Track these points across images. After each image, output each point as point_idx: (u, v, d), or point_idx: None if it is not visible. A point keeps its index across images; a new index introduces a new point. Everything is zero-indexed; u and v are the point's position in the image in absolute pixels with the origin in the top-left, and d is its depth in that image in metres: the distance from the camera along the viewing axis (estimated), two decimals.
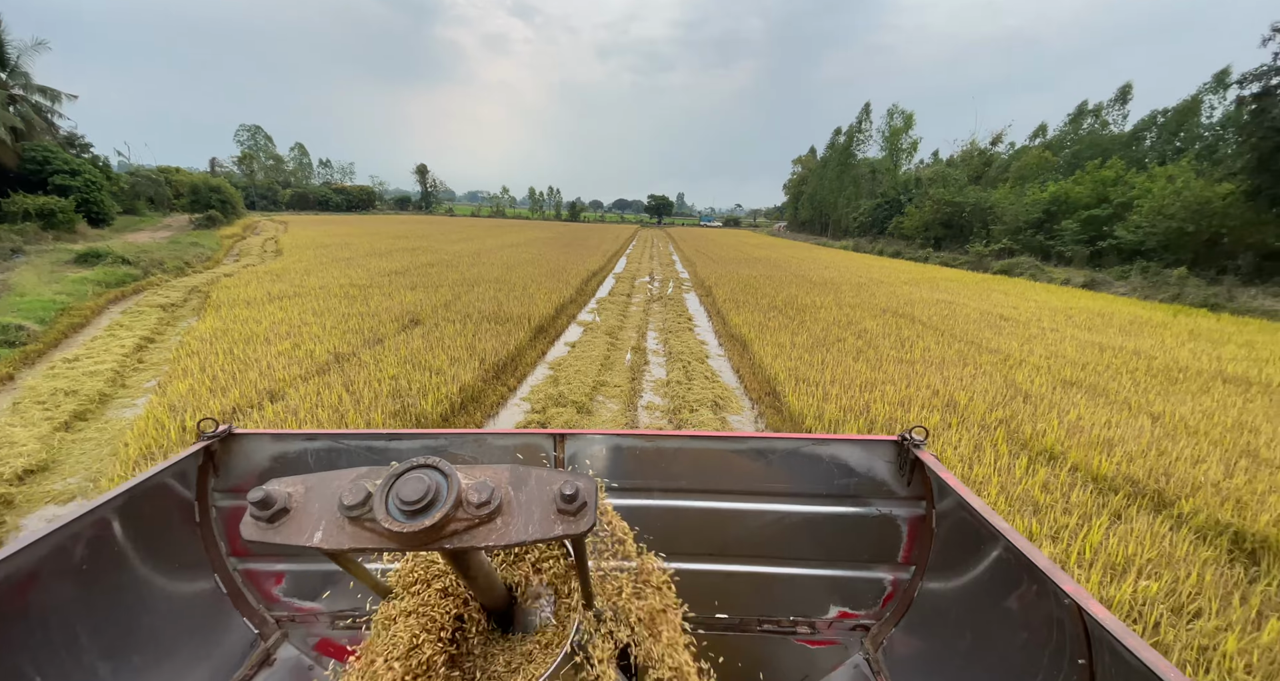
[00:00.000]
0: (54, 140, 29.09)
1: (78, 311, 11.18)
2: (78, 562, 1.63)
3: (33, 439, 5.67)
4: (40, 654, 1.49)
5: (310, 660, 2.24)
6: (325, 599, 2.31)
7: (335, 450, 2.26)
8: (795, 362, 8.45)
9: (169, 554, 2.00)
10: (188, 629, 2.00)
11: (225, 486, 2.23)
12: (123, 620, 1.75)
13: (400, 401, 6.53)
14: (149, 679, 1.77)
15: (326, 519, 0.92)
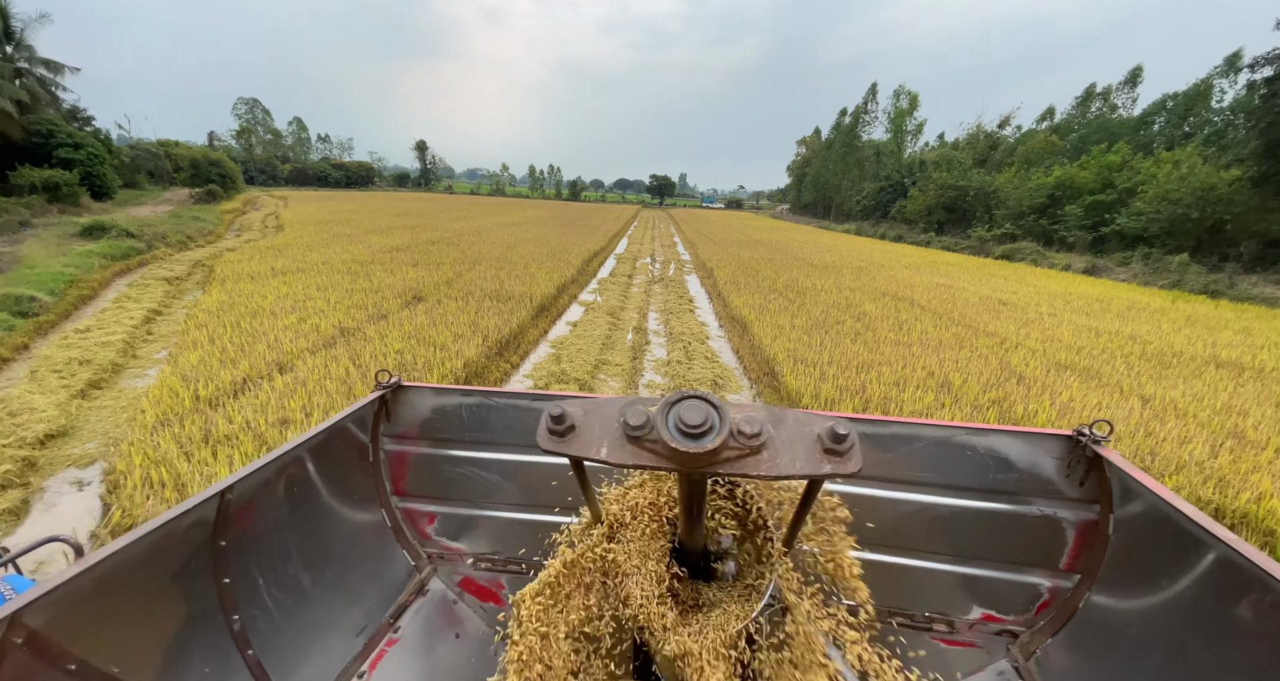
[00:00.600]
0: (57, 113, 28.74)
1: (86, 283, 11.27)
2: (284, 490, 1.89)
3: (51, 405, 5.83)
4: (262, 560, 1.81)
5: (454, 595, 2.44)
6: (469, 541, 2.48)
7: (486, 406, 2.38)
8: (794, 344, 8.58)
9: (348, 488, 2.25)
10: (363, 554, 2.27)
11: (392, 432, 2.44)
12: (317, 540, 2.03)
13: (406, 375, 6.67)
14: (336, 590, 2.06)
15: (609, 438, 1.01)
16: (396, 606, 2.28)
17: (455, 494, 2.46)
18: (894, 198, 51.43)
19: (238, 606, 1.68)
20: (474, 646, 2.29)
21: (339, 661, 1.99)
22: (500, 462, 2.41)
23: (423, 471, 2.48)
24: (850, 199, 61.35)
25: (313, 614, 1.95)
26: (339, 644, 2.02)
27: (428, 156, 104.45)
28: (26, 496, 4.44)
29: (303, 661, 1.86)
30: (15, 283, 10.31)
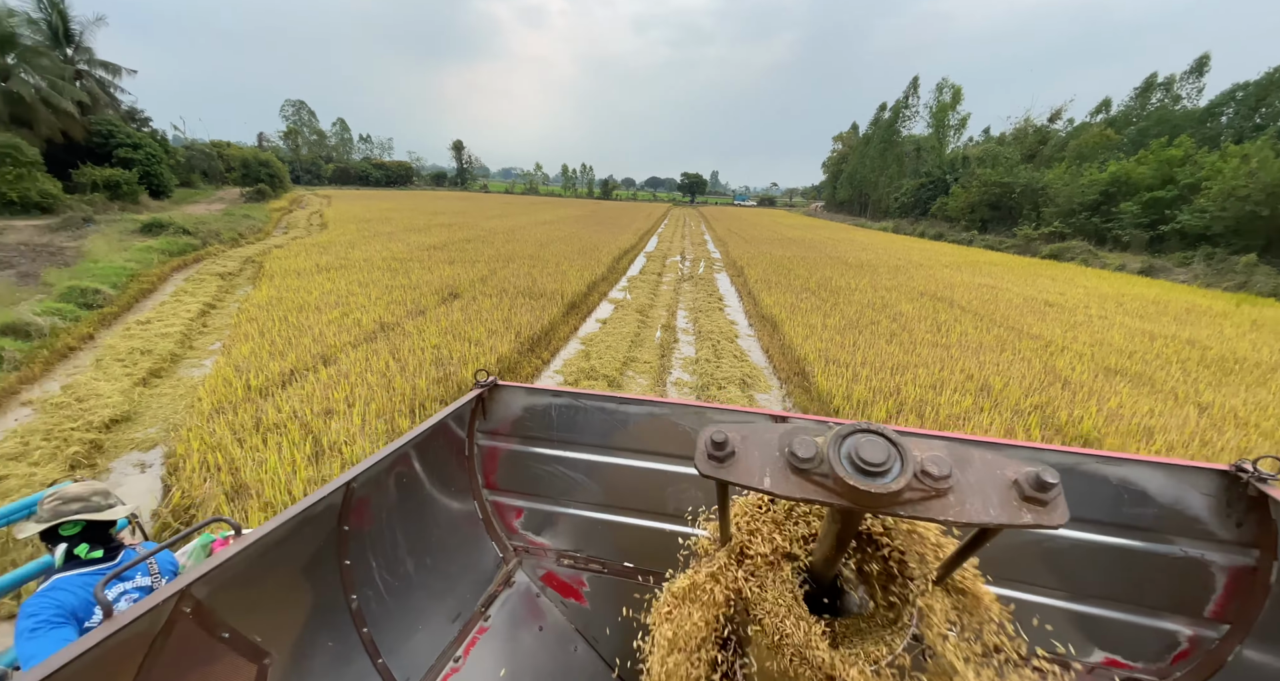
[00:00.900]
0: (116, 114, 30.49)
1: (146, 278, 11.97)
2: (394, 481, 2.03)
3: (115, 392, 6.23)
4: (376, 545, 1.94)
5: (537, 588, 2.50)
6: (551, 536, 2.55)
7: (574, 407, 2.44)
8: (826, 344, 8.45)
9: (447, 481, 2.38)
10: (459, 543, 2.39)
11: (485, 429, 2.55)
12: (420, 529, 2.16)
13: (442, 369, 6.87)
14: (435, 576, 2.18)
15: (770, 467, 0.97)
16: (487, 595, 2.38)
17: (541, 490, 2.54)
18: (934, 195, 49.85)
19: (355, 587, 1.81)
20: (555, 640, 2.35)
21: (438, 644, 2.10)
22: (585, 462, 2.46)
23: (512, 467, 2.58)
24: (888, 196, 59.75)
25: (416, 598, 2.08)
26: (438, 627, 2.14)
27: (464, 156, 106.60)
28: (94, 477, 4.77)
29: (407, 642, 1.99)
30: (80, 276, 11.04)
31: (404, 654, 1.95)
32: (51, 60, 26.24)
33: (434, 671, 2.02)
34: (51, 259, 13.86)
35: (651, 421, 2.28)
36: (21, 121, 24.17)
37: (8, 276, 11.72)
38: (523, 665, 2.21)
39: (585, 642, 2.38)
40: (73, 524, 1.81)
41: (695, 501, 2.22)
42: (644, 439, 2.31)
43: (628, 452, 2.36)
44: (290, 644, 1.60)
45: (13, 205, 20.53)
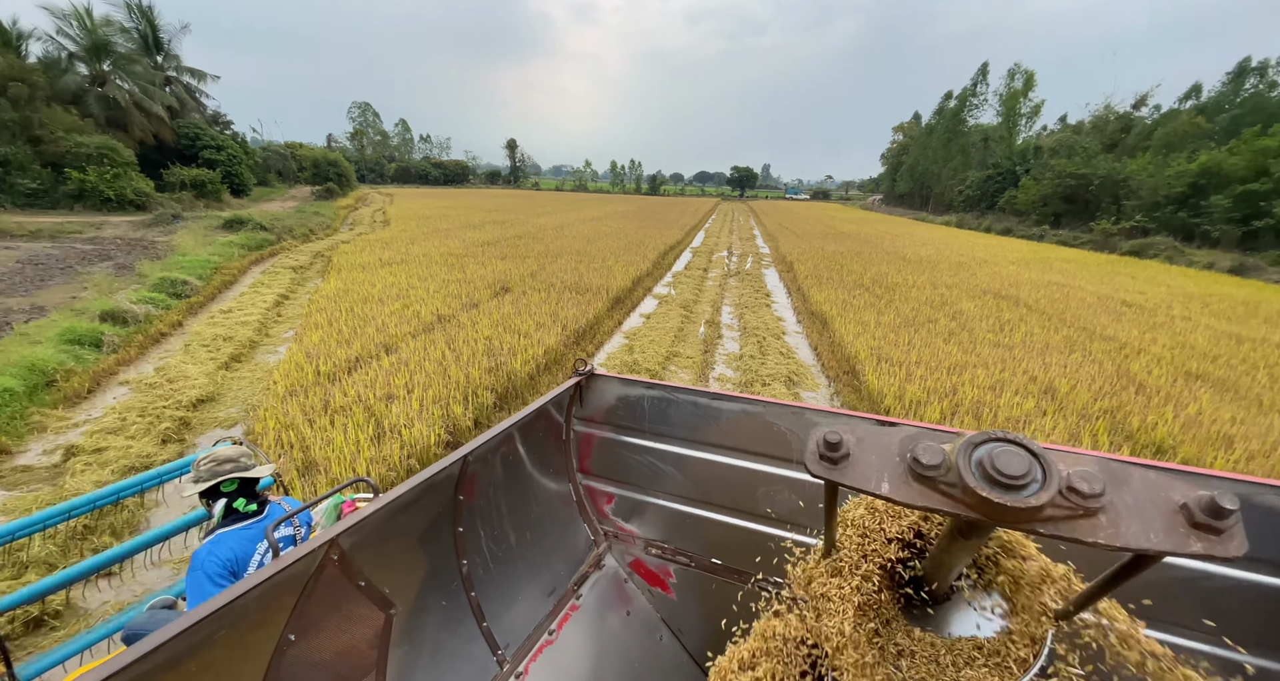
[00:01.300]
0: (202, 118, 33.05)
1: (227, 270, 12.97)
2: (500, 458, 2.16)
3: (201, 375, 6.81)
4: (481, 519, 2.08)
5: (625, 574, 2.60)
6: (640, 524, 2.60)
7: (667, 400, 2.45)
8: (879, 342, 8.18)
9: (546, 462, 2.50)
10: (555, 521, 2.51)
11: (581, 415, 2.64)
12: (521, 504, 2.30)
13: (494, 359, 7.11)
14: (534, 550, 2.31)
15: (889, 472, 0.92)
16: (579, 575, 2.49)
17: (632, 478, 2.59)
18: (1003, 187, 47.03)
19: (466, 552, 1.96)
20: (642, 627, 2.41)
21: (534, 616, 2.22)
22: (675, 455, 2.46)
23: (604, 454, 2.64)
24: (952, 189, 56.85)
25: (516, 569, 2.20)
26: (534, 600, 2.25)
27: (517, 154, 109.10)
28: (182, 450, 5.25)
29: (508, 610, 2.11)
30: (171, 268, 12.07)
31: (505, 620, 2.08)
32: (143, 67, 28.67)
33: (530, 641, 2.14)
34: (144, 252, 15.23)
35: (746, 419, 2.26)
36: (117, 125, 26.58)
37: (107, 268, 12.97)
38: (610, 646, 2.29)
39: (670, 633, 2.42)
40: (229, 481, 2.10)
41: (788, 505, 2.18)
42: (737, 436, 2.29)
43: (719, 448, 2.34)
44: (412, 598, 1.75)
45: (110, 202, 22.66)
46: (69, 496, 4.23)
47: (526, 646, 2.12)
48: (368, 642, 1.58)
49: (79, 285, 11.06)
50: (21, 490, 4.46)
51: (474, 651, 1.95)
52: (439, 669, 1.81)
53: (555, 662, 2.14)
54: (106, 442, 4.98)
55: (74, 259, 14.11)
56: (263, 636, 1.27)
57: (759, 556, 2.23)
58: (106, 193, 22.47)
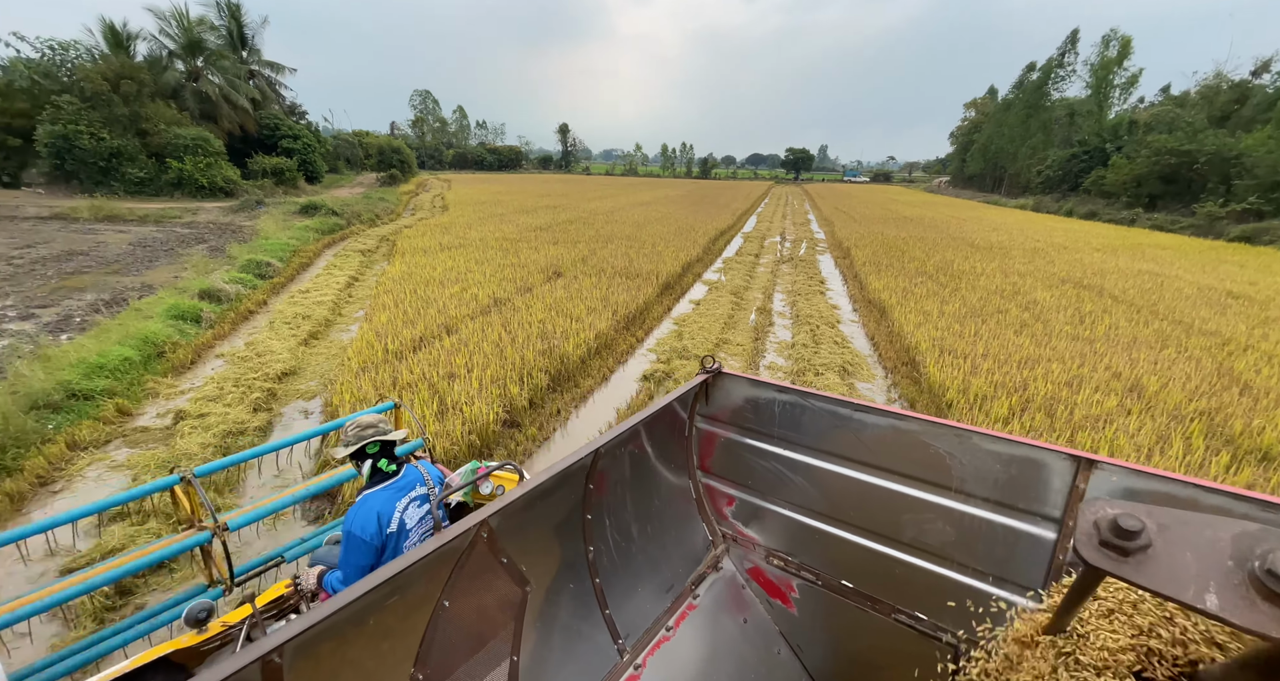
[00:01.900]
0: (280, 109, 35.13)
1: (304, 253, 13.88)
2: (628, 453, 2.21)
3: (284, 350, 7.39)
4: (607, 510, 2.15)
5: (743, 580, 2.52)
6: (762, 532, 2.51)
7: (800, 406, 2.29)
8: (942, 332, 7.82)
9: (669, 458, 2.50)
10: (674, 517, 2.51)
11: (706, 413, 2.59)
12: (644, 498, 2.34)
13: (547, 342, 7.32)
14: (654, 544, 2.36)
15: (1216, 580, 0.71)
16: (697, 574, 2.46)
17: (756, 483, 2.50)
18: (1088, 167, 43.20)
19: (593, 539, 2.03)
20: (760, 637, 2.35)
21: (653, 610, 2.24)
22: (805, 465, 2.31)
23: (727, 454, 2.57)
24: (1029, 169, 52.79)
25: (637, 561, 2.24)
26: (653, 594, 2.27)
27: (569, 139, 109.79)
28: (270, 419, 5.75)
29: (628, 600, 2.15)
30: (256, 250, 13.03)
31: (625, 610, 2.12)
32: (230, 62, 30.71)
33: (649, 634, 2.17)
34: (233, 236, 16.51)
35: (895, 435, 2.04)
36: (208, 117, 28.68)
37: (202, 250, 14.15)
38: (725, 651, 2.27)
39: (790, 648, 2.35)
40: (373, 444, 2.28)
41: (940, 536, 1.93)
42: (882, 453, 2.08)
43: (858, 464, 2.15)
44: (544, 578, 1.86)
45: (203, 189, 24.62)
46: (180, 455, 4.75)
47: (645, 639, 2.14)
48: (505, 615, 1.70)
49: (180, 266, 12.15)
50: (141, 448, 5.04)
51: (597, 636, 2.02)
52: (566, 648, 1.91)
53: (672, 659, 2.14)
54: (208, 409, 5.53)
55: (174, 242, 15.49)
56: (424, 599, 1.44)
57: (899, 587, 2.06)
58: (201, 180, 24.43)
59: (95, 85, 22.76)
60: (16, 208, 19.81)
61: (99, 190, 22.85)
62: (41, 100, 22.63)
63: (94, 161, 22.78)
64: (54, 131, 21.86)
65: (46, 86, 23.29)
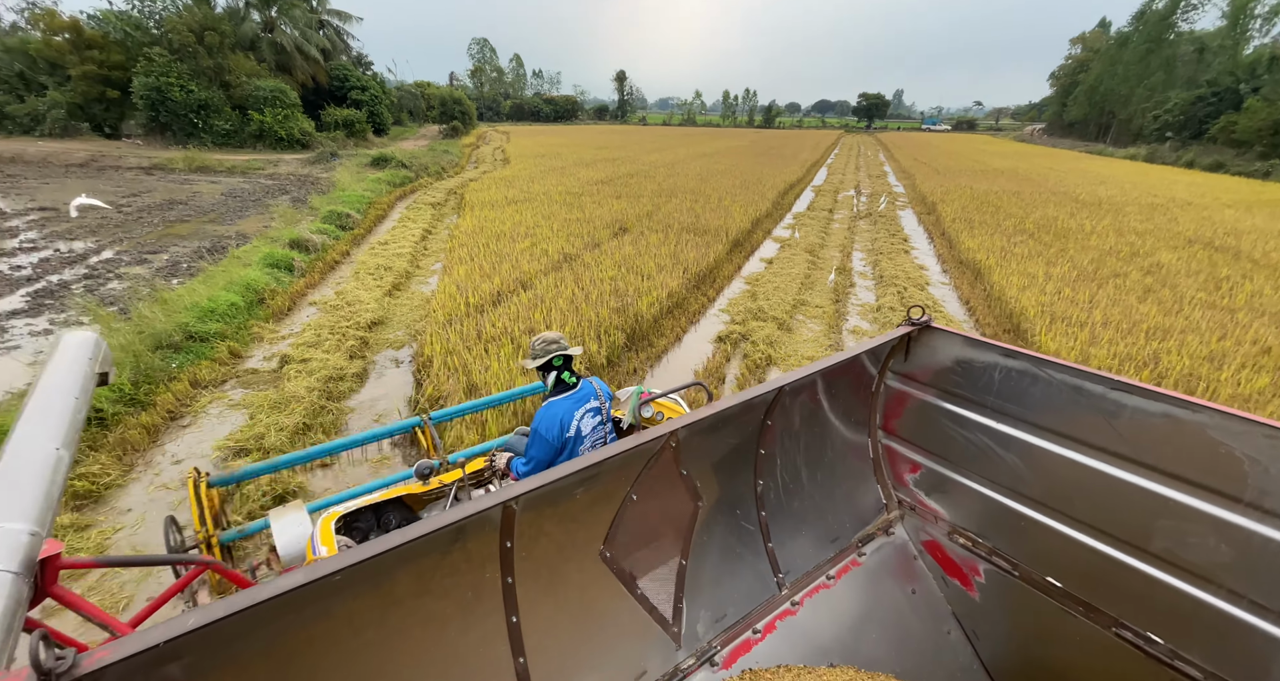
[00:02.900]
0: (349, 60, 35.46)
1: (379, 205, 14.24)
2: (805, 399, 2.12)
3: (371, 300, 7.66)
4: (780, 448, 2.09)
5: (916, 551, 2.40)
6: (949, 507, 2.34)
7: (1031, 374, 1.98)
8: (1050, 297, 7.14)
9: (849, 411, 2.39)
10: (846, 472, 2.42)
11: (902, 370, 2.40)
12: (818, 445, 2.29)
13: (620, 300, 7.21)
14: (821, 491, 2.29)
15: None
16: (864, 534, 2.38)
17: (951, 454, 2.28)
18: (1216, 111, 37.70)
19: (763, 473, 2.08)
20: (928, 612, 2.26)
21: (815, 555, 2.23)
22: (1025, 444, 2.02)
23: (919, 417, 2.37)
24: (1143, 114, 46.67)
25: (804, 505, 2.22)
26: (817, 540, 2.26)
27: (625, 87, 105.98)
28: (365, 366, 6.01)
29: (791, 539, 2.16)
30: (335, 202, 13.46)
31: (787, 548, 2.14)
32: (302, 11, 30.94)
33: (808, 578, 2.16)
34: (312, 187, 17.14)
35: (1168, 426, 1.68)
36: (284, 69, 29.34)
37: (285, 200, 14.78)
38: (887, 617, 2.20)
39: (962, 632, 2.22)
40: (558, 357, 2.54)
41: (1210, 554, 1.63)
42: (1142, 444, 1.75)
43: (1105, 454, 1.82)
44: (715, 498, 1.93)
45: (282, 141, 25.52)
46: (289, 394, 5.05)
47: (804, 581, 2.14)
48: (679, 522, 1.83)
49: (268, 216, 12.77)
50: (254, 388, 5.40)
51: (758, 564, 2.07)
52: (727, 567, 1.99)
53: (829, 607, 2.12)
54: (309, 355, 5.83)
55: (260, 192, 16.28)
56: (617, 489, 1.61)
57: (1132, 600, 1.79)
58: (280, 132, 25.31)
59: (182, 37, 23.61)
60: (120, 158, 21.32)
61: (190, 142, 24.16)
62: (134, 52, 23.77)
63: (184, 114, 23.97)
64: (148, 83, 23.02)
65: (138, 38, 24.38)
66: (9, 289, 7.92)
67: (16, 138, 23.78)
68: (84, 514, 3.66)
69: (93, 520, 3.60)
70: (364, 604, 1.13)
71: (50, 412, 1.67)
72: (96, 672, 0.78)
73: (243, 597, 0.90)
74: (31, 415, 1.63)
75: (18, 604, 1.16)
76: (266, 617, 0.95)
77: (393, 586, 1.16)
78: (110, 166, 20.45)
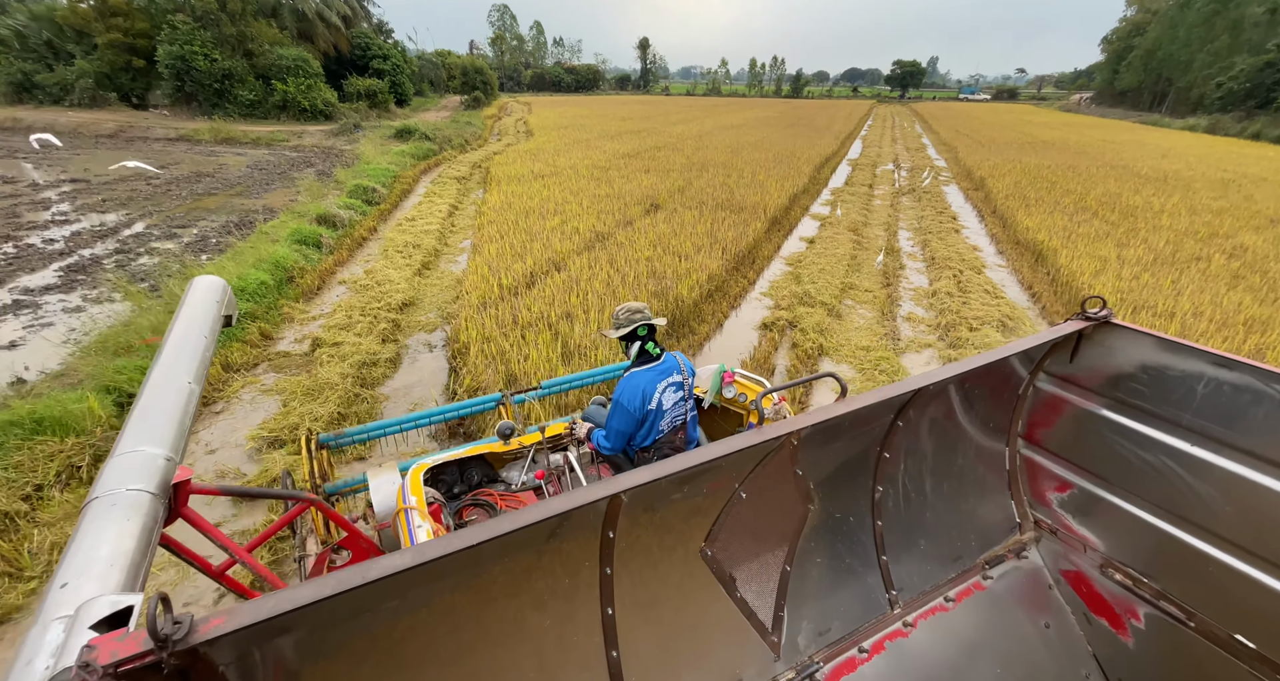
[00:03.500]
0: (370, 28, 34.68)
1: (404, 179, 13.94)
2: (939, 403, 1.88)
3: (401, 280, 7.42)
4: (906, 452, 1.91)
5: (1051, 580, 2.11)
6: (1103, 536, 2.03)
7: (1249, 392, 1.66)
8: (1128, 283, 6.58)
9: (984, 416, 2.09)
10: (975, 483, 2.17)
11: (1061, 371, 2.06)
12: (948, 453, 2.03)
13: (659, 283, 6.85)
14: (945, 503, 2.07)
15: None
16: (992, 554, 2.13)
17: (1115, 475, 1.97)
18: None
19: (882, 479, 1.89)
20: (1063, 650, 2.00)
21: (933, 574, 2.01)
22: (1231, 476, 1.68)
23: (1076, 429, 2.04)
24: (1206, 81, 43.52)
25: (925, 517, 2.01)
26: (936, 557, 2.03)
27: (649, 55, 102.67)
28: (398, 351, 5.80)
29: (907, 553, 1.97)
30: (360, 175, 13.18)
31: (903, 563, 1.95)
32: None
33: (924, 597, 1.97)
34: (337, 159, 16.89)
35: None
36: (305, 37, 28.78)
37: (311, 174, 14.58)
38: (1013, 650, 1.95)
39: (1104, 678, 1.94)
40: (643, 327, 2.47)
41: None
42: None
43: None
44: (829, 502, 1.77)
45: (305, 112, 25.20)
46: (323, 381, 4.86)
47: (920, 601, 1.96)
48: (786, 525, 1.70)
49: (294, 189, 12.58)
50: (286, 373, 5.24)
51: (868, 577, 1.90)
52: (835, 578, 1.84)
53: (946, 631, 1.92)
54: (340, 338, 5.63)
55: (285, 165, 16.09)
56: (726, 486, 1.50)
57: None
58: (303, 103, 24.98)
59: (204, 3, 23.22)
60: (148, 129, 21.32)
61: (215, 112, 24.01)
62: (159, 20, 23.50)
63: (209, 83, 23.76)
64: (172, 51, 22.80)
65: (161, 5, 24.05)
66: (42, 263, 7.88)
67: (47, 108, 23.90)
68: None
69: None
70: (467, 586, 1.13)
71: (184, 350, 1.87)
72: (210, 642, 0.76)
73: (354, 574, 0.87)
74: (168, 352, 1.83)
75: (155, 522, 1.29)
76: (375, 596, 0.95)
77: (498, 569, 1.16)
78: (138, 137, 20.45)
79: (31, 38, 26.09)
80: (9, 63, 25.51)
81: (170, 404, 1.63)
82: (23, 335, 5.87)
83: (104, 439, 3.74)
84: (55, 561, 3.04)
